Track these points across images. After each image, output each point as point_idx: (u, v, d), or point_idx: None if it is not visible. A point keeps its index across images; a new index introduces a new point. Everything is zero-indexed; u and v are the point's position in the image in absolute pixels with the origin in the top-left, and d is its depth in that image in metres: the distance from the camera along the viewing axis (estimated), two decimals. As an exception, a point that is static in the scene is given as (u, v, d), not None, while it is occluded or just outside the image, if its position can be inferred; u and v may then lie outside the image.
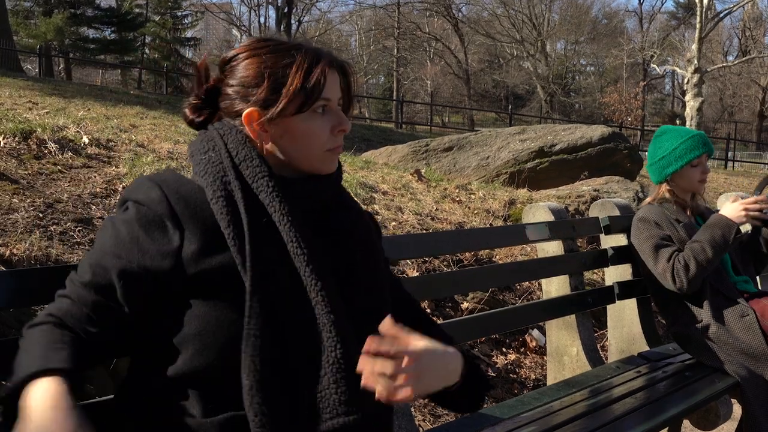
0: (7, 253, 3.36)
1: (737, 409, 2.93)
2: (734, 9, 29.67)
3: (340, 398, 1.33)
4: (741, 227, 2.97)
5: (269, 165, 1.45)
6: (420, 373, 1.28)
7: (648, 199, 3.27)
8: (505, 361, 4.30)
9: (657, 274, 3.01)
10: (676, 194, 3.17)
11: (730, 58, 48.70)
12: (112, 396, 1.54)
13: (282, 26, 41.56)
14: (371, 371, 1.24)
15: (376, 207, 5.71)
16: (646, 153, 3.33)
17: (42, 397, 1.18)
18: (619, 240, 3.41)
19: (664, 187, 3.18)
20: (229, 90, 1.49)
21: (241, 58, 1.48)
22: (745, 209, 2.95)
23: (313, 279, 1.37)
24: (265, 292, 1.33)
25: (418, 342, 1.30)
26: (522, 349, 4.49)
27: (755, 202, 2.97)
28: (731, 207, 2.98)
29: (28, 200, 4.12)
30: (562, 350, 3.39)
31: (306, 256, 1.38)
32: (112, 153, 5.71)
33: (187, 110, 1.56)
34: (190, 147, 1.53)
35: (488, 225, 5.94)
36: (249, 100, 1.46)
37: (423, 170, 7.84)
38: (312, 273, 1.38)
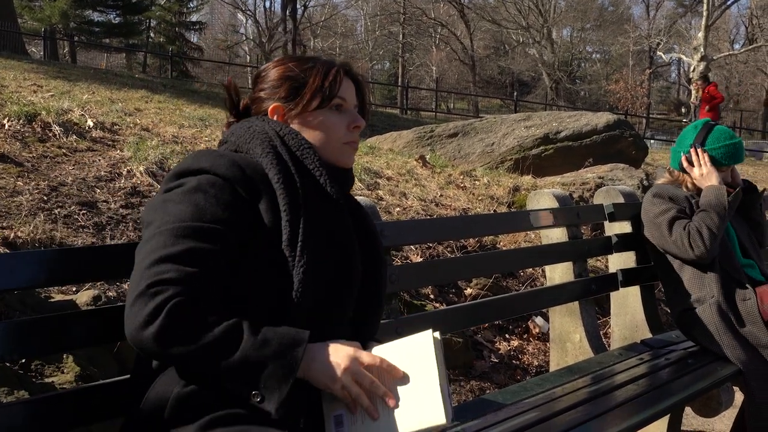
0: (12, 235, 3.37)
1: (738, 397, 2.94)
2: (742, -4, 29.43)
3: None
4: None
5: None
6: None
7: (662, 180, 3.26)
8: (508, 348, 4.31)
9: (673, 244, 2.98)
10: (689, 186, 3.16)
11: (737, 46, 48.46)
12: (128, 376, 1.59)
13: (288, 11, 41.36)
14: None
15: (381, 192, 5.71)
16: (653, 141, 3.32)
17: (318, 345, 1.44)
18: (624, 227, 3.40)
19: (687, 177, 3.16)
20: (261, 94, 1.70)
21: (270, 68, 1.72)
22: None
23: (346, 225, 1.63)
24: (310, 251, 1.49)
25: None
26: (525, 336, 4.50)
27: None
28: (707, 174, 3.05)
29: (33, 183, 4.12)
30: (565, 337, 3.40)
31: (347, 222, 1.63)
32: (117, 136, 5.71)
33: (225, 128, 1.75)
34: (225, 135, 1.69)
35: (492, 211, 5.94)
36: (274, 98, 1.67)
37: (428, 156, 7.82)
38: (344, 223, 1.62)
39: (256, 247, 1.48)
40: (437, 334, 1.44)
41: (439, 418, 1.36)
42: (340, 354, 1.41)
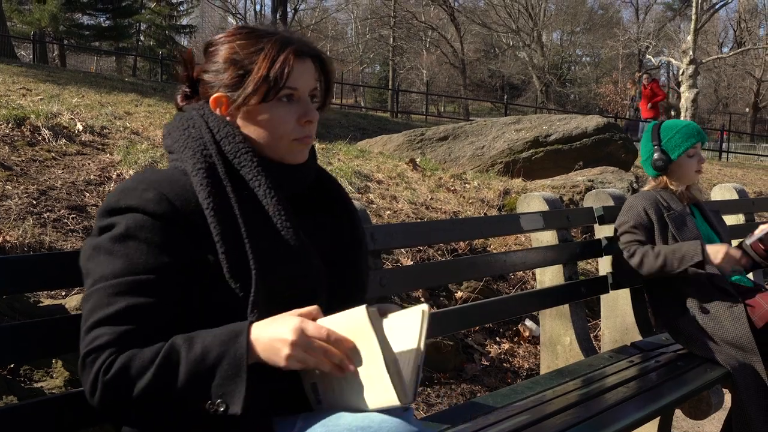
0: (0, 239, 3.36)
1: (728, 399, 2.94)
2: (730, 0, 29.63)
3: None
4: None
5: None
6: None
7: (647, 187, 3.28)
8: (499, 351, 4.31)
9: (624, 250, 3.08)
10: (673, 185, 3.17)
11: (725, 49, 48.63)
12: None
13: (278, 14, 41.28)
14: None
15: (371, 196, 5.71)
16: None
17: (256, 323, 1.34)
18: (613, 230, 3.41)
19: (665, 178, 3.18)
20: (206, 76, 1.54)
21: (220, 42, 1.53)
22: (725, 254, 2.87)
23: (300, 241, 1.46)
24: (264, 281, 1.39)
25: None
26: (515, 339, 4.50)
27: (737, 253, 2.91)
28: (715, 247, 2.91)
29: (22, 187, 4.11)
30: (556, 340, 3.40)
31: (292, 228, 1.45)
32: (107, 140, 5.69)
33: (179, 97, 1.62)
34: (166, 127, 1.57)
35: (483, 214, 5.95)
36: (218, 85, 1.51)
37: (418, 159, 7.83)
38: (298, 239, 1.46)
39: (205, 277, 1.40)
40: (373, 308, 1.33)
41: (392, 400, 1.28)
42: (284, 329, 1.29)
